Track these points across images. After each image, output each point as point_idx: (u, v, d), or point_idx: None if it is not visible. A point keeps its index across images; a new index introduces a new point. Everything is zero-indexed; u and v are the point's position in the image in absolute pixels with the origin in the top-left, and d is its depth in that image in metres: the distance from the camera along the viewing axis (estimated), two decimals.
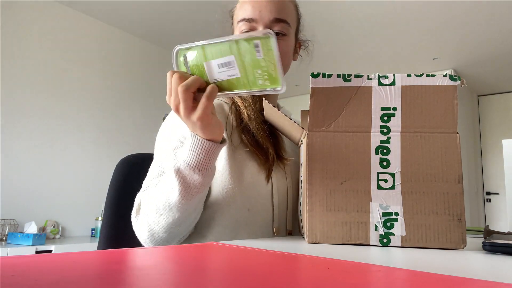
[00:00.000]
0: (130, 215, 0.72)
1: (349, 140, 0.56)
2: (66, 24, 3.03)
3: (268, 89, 0.56)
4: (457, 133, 0.55)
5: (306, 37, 0.91)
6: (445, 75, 0.56)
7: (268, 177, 0.76)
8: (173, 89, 0.55)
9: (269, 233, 0.76)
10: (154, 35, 3.54)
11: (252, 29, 0.77)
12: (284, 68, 0.81)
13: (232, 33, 0.84)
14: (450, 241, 0.52)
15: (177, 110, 0.57)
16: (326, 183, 0.55)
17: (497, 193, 4.83)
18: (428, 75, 0.56)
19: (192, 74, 0.56)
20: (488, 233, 0.68)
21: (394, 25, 3.25)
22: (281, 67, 0.54)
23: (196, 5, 2.98)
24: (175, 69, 0.57)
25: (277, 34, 0.77)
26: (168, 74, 0.56)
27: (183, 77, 0.55)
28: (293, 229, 0.80)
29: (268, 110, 0.72)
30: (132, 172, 0.91)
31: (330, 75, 0.57)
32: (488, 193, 4.89)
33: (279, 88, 0.56)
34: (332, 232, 0.54)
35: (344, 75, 0.57)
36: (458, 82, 0.55)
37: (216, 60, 0.55)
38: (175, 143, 0.74)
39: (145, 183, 0.74)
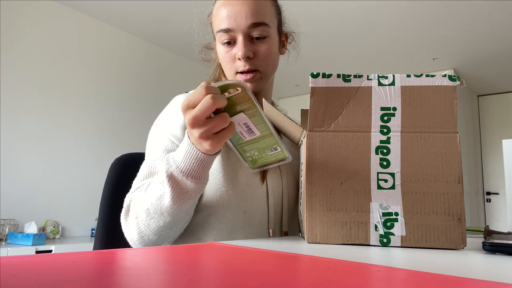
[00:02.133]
0: None
1: (349, 140, 0.56)
2: (66, 24, 3.03)
3: (244, 160, 0.64)
4: (457, 133, 0.55)
5: (308, 37, 0.90)
6: (445, 76, 0.56)
7: (263, 177, 0.75)
8: (202, 107, 0.51)
9: (264, 235, 0.75)
10: (153, 36, 3.54)
11: (231, 39, 0.75)
12: (272, 67, 0.80)
13: (214, 39, 0.83)
14: (450, 241, 0.52)
15: (192, 126, 0.53)
16: (326, 183, 0.55)
17: (497, 193, 4.83)
18: (427, 76, 0.56)
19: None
20: (488, 233, 0.68)
21: (394, 25, 3.25)
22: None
23: (196, 5, 2.98)
24: (217, 85, 0.53)
25: (257, 38, 0.75)
26: (205, 88, 0.51)
27: (218, 103, 0.51)
28: (289, 230, 0.79)
29: (268, 109, 0.71)
30: (127, 171, 0.90)
31: (329, 75, 0.57)
32: (488, 193, 4.89)
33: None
34: (332, 232, 0.54)
35: (343, 75, 0.57)
36: (458, 82, 0.55)
37: (249, 120, 0.57)
38: (165, 142, 0.73)
39: (135, 183, 0.72)
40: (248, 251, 0.43)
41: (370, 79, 0.57)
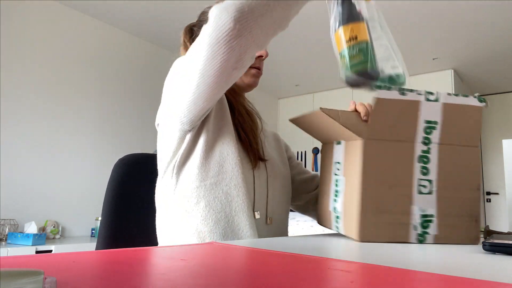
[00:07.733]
0: (128, 214, 0.68)
1: (398, 149, 0.63)
2: (66, 24, 3.03)
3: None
4: (477, 147, 0.64)
5: (308, 38, 0.95)
6: (475, 97, 0.65)
7: (255, 161, 0.80)
8: None
9: (251, 219, 0.75)
10: (154, 36, 3.54)
11: None
12: None
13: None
14: (468, 238, 0.62)
15: None
16: (377, 187, 0.62)
17: (497, 193, 4.82)
18: (463, 96, 0.64)
19: None
20: (488, 233, 0.69)
21: (394, 25, 3.25)
22: None
23: (196, 5, 2.98)
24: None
25: None
26: None
27: None
28: (273, 217, 0.82)
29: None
30: (130, 172, 0.91)
31: (390, 88, 0.63)
32: (488, 193, 4.89)
33: None
34: (380, 231, 0.61)
35: (400, 88, 0.63)
36: (484, 104, 0.64)
37: None
38: None
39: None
40: (248, 251, 0.43)
41: (420, 94, 0.63)
